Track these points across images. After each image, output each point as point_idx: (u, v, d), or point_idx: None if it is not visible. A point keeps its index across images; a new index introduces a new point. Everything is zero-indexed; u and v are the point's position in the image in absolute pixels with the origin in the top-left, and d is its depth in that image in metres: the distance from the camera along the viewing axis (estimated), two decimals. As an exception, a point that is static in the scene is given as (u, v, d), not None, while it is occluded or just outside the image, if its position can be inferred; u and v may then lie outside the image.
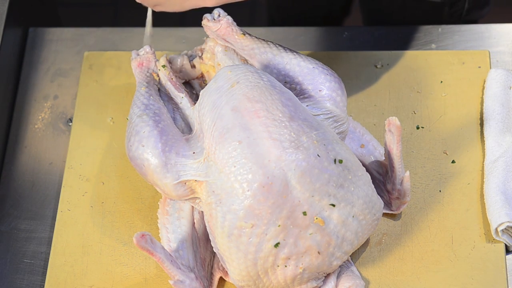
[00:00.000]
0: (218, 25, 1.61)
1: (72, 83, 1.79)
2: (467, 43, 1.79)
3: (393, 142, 1.50)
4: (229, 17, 1.62)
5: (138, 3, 1.58)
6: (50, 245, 1.61)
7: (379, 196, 1.50)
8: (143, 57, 1.65)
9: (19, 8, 1.81)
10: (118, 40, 1.84)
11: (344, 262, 1.52)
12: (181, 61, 1.67)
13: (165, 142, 1.49)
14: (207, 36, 1.67)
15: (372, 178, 1.51)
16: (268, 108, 1.44)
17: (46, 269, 1.58)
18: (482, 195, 1.59)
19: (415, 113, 1.69)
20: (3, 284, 1.59)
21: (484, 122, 1.66)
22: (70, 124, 1.74)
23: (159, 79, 1.63)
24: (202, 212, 1.53)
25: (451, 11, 1.93)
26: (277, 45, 1.59)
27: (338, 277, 1.50)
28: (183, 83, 1.67)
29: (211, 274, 1.52)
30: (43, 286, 1.57)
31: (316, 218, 1.42)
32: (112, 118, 1.73)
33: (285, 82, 1.55)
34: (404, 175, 1.52)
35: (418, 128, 1.67)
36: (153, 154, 1.48)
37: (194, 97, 1.65)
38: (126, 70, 1.76)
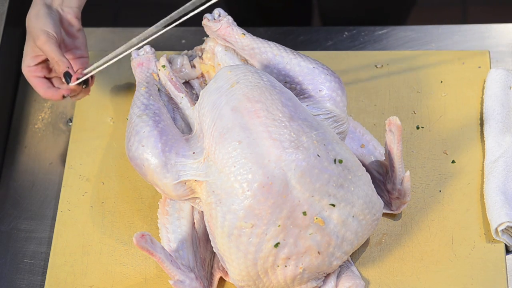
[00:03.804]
0: (218, 25, 1.61)
1: (72, 83, 1.79)
2: (467, 43, 1.79)
3: (394, 142, 1.50)
4: (229, 17, 1.62)
5: (138, 3, 1.58)
6: (50, 245, 1.61)
7: (379, 196, 1.50)
8: (143, 57, 1.65)
9: (19, 8, 1.80)
10: (118, 40, 1.83)
11: (344, 262, 1.52)
12: (181, 61, 1.67)
13: (165, 142, 1.49)
14: (207, 36, 1.67)
15: (372, 178, 1.51)
16: (268, 108, 1.44)
17: (46, 269, 1.58)
18: (482, 195, 1.59)
19: (415, 113, 1.69)
20: (3, 284, 1.59)
21: (484, 122, 1.65)
22: (70, 124, 1.74)
23: (159, 79, 1.63)
24: (202, 212, 1.53)
25: None
26: (277, 45, 1.59)
27: (338, 277, 1.50)
28: (183, 83, 1.66)
29: (211, 274, 1.52)
30: (43, 286, 1.57)
31: (316, 218, 1.42)
32: (112, 118, 1.73)
33: (285, 82, 1.55)
34: (404, 175, 1.52)
35: (418, 128, 1.67)
36: (153, 154, 1.48)
37: (194, 97, 1.65)
38: (126, 70, 1.76)
